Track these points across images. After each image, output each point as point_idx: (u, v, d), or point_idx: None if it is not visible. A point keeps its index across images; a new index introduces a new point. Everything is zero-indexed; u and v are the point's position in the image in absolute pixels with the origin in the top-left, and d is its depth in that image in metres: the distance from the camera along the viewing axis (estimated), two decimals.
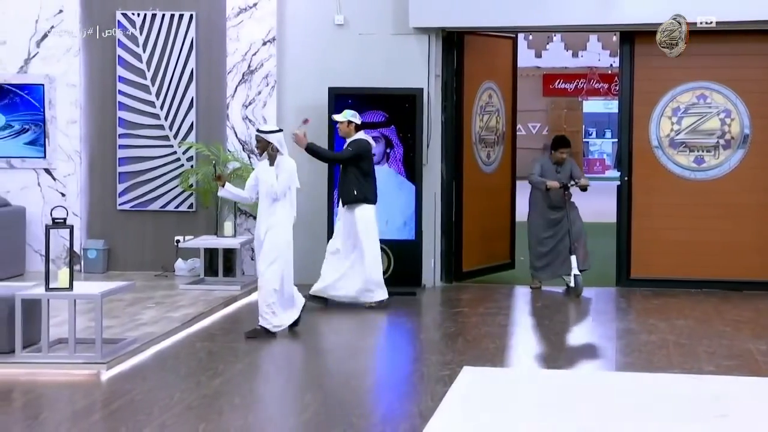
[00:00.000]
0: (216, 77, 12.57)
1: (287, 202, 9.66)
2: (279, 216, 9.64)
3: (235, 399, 7.62)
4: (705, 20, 11.53)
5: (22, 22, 12.48)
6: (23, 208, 12.44)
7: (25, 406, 7.58)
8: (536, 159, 12.42)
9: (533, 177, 12.01)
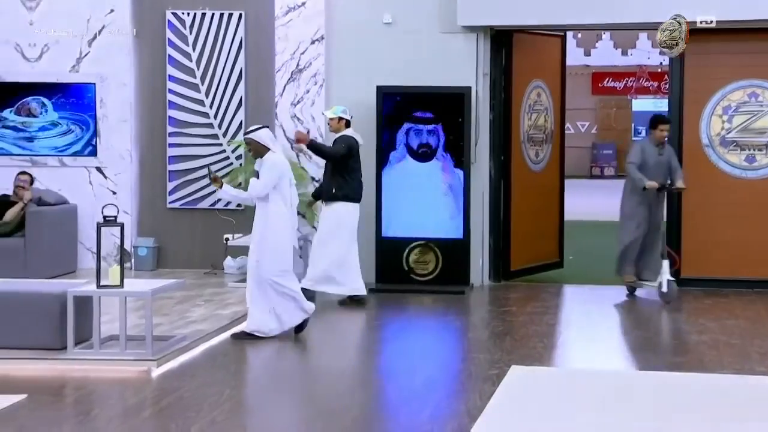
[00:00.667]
0: (265, 76, 12.63)
1: (279, 199, 9.28)
2: (272, 218, 9.27)
3: (283, 395, 7.65)
4: (705, 20, 11.49)
5: (74, 21, 12.60)
6: (75, 206, 12.56)
7: (76, 402, 7.65)
8: (636, 142, 11.98)
9: (632, 167, 11.38)
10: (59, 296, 8.47)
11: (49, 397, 7.48)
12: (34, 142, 12.73)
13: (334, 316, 10.92)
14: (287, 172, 9.36)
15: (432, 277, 11.93)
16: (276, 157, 9.32)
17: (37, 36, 12.63)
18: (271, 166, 9.22)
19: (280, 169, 9.25)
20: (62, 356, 8.32)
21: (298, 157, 12.43)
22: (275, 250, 9.28)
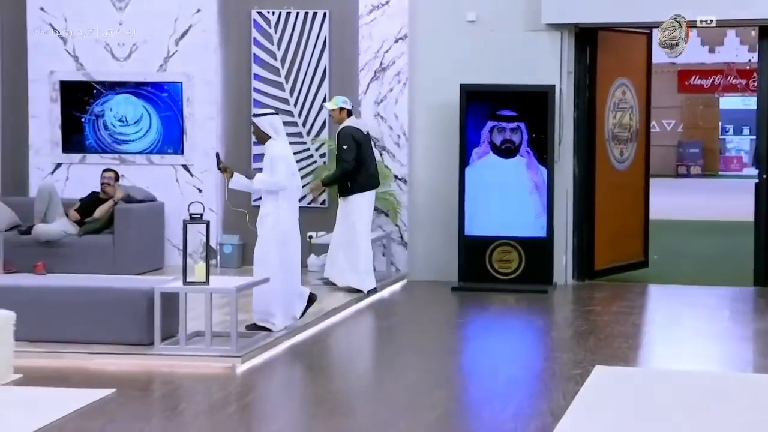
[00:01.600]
0: (348, 74, 12.68)
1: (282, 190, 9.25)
2: (267, 206, 9.28)
3: (366, 394, 7.69)
4: (705, 20, 11.35)
5: (162, 21, 12.77)
6: (162, 203, 12.73)
7: (163, 397, 7.77)
8: None
9: None
10: (147, 293, 8.60)
11: (136, 392, 7.60)
12: (122, 140, 12.92)
13: (417, 315, 10.94)
14: (290, 160, 9.40)
15: (515, 275, 11.89)
16: (278, 145, 9.33)
17: (126, 35, 12.82)
18: (277, 158, 9.24)
19: (286, 157, 9.31)
20: (149, 352, 8.45)
21: (381, 155, 12.47)
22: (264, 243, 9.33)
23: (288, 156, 9.41)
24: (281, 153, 9.31)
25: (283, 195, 9.30)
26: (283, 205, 9.34)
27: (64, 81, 12.84)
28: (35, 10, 12.87)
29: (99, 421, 6.88)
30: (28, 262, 11.69)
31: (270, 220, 9.30)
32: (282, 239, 9.34)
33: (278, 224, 9.30)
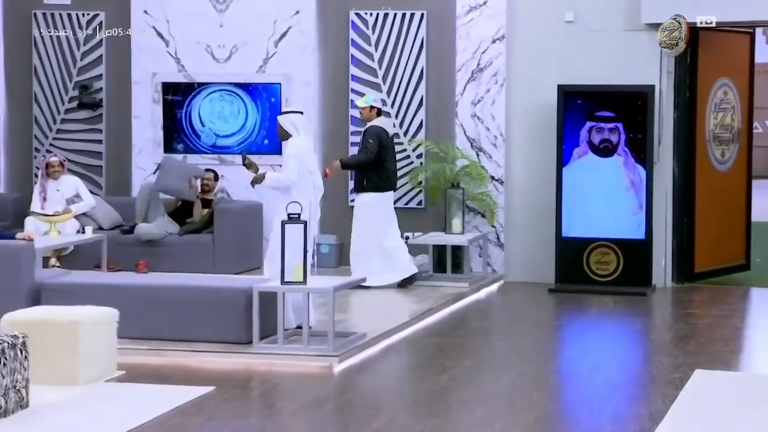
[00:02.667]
0: (445, 75, 12.68)
1: (297, 187, 9.39)
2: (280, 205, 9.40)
3: (463, 394, 7.69)
4: (705, 20, 11.23)
5: (261, 22, 12.89)
6: (260, 203, 12.85)
7: (261, 395, 7.86)
8: None
9: None
10: (245, 292, 8.70)
11: (235, 390, 7.70)
12: (221, 140, 13.08)
13: (514, 316, 10.91)
14: (306, 158, 9.51)
15: (613, 277, 11.78)
16: (297, 143, 9.48)
17: (226, 37, 12.98)
18: (290, 155, 9.45)
19: (300, 156, 9.45)
20: (248, 350, 8.54)
21: (477, 156, 12.45)
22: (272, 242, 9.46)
23: (303, 154, 9.55)
24: (295, 151, 9.49)
25: (297, 193, 9.43)
26: (309, 194, 9.51)
27: (165, 82, 13.05)
28: (139, 13, 13.09)
29: (199, 419, 6.98)
30: (130, 261, 11.91)
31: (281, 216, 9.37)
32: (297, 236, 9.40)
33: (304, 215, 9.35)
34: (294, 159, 9.47)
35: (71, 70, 13.35)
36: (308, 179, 9.53)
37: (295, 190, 9.44)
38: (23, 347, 6.97)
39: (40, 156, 13.15)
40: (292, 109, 10.09)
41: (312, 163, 9.63)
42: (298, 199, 9.42)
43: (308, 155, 9.59)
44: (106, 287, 8.93)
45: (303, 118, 9.70)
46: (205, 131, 13.04)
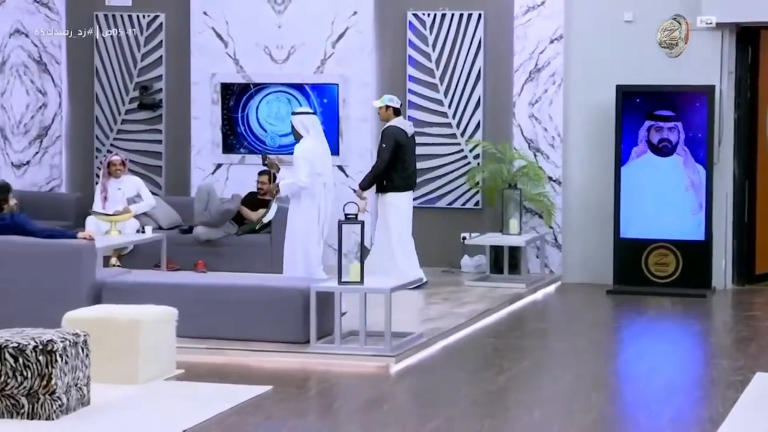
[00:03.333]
0: (503, 76, 12.65)
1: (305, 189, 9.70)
2: (291, 204, 9.78)
3: (520, 395, 7.67)
4: (705, 20, 11.18)
5: (319, 23, 12.94)
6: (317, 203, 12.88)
7: (319, 394, 7.88)
8: None
9: None
10: (303, 292, 8.73)
11: (293, 389, 7.73)
12: (279, 141, 13.14)
13: (571, 317, 10.86)
14: (316, 160, 9.71)
15: (672, 279, 11.69)
16: (306, 144, 9.72)
17: (284, 38, 13.04)
18: (299, 157, 9.70)
19: (308, 157, 9.68)
20: (305, 350, 8.58)
21: (535, 156, 12.41)
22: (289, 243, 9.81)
23: (313, 155, 9.75)
24: (303, 152, 9.74)
25: (306, 195, 9.73)
26: (305, 204, 9.76)
27: (224, 83, 13.14)
28: (198, 14, 13.19)
29: (257, 418, 7.02)
30: (189, 261, 12.00)
31: (293, 218, 9.82)
32: (305, 237, 9.77)
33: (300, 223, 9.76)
34: (303, 161, 9.71)
35: (132, 71, 13.49)
36: (317, 181, 9.72)
37: (305, 192, 9.69)
38: (84, 345, 7.06)
39: (101, 156, 13.30)
40: (304, 110, 10.30)
41: (322, 165, 9.80)
42: (307, 201, 9.76)
43: (318, 157, 9.80)
44: (166, 286, 9.01)
45: (314, 118, 9.97)
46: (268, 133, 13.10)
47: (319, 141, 9.87)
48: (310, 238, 9.83)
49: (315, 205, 9.80)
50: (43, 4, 13.37)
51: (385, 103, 11.27)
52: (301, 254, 9.80)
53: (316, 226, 9.84)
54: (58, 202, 13.01)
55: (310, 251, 9.82)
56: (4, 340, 6.82)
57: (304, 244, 9.83)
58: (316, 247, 9.86)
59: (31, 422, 6.72)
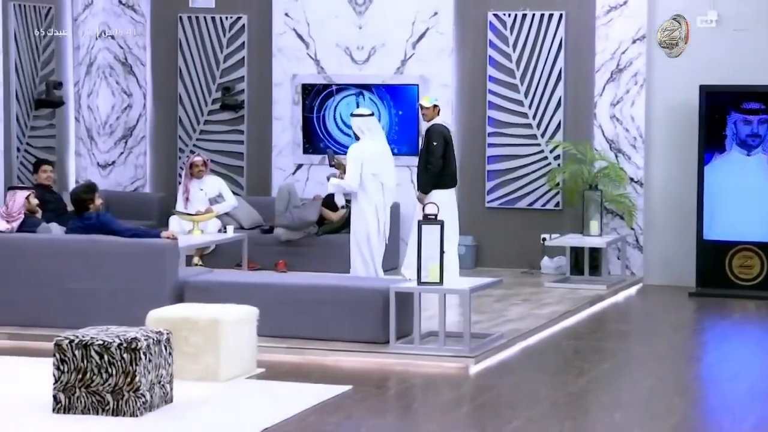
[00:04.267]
0: (584, 76, 12.57)
1: (362, 190, 9.90)
2: (352, 208, 9.97)
3: (601, 398, 7.62)
4: (705, 20, 11.15)
5: (399, 24, 12.97)
6: (397, 203, 12.91)
7: (398, 394, 7.91)
8: None
9: None
10: (382, 292, 8.76)
11: (372, 389, 7.76)
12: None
13: (653, 320, 10.76)
14: (370, 161, 9.83)
15: (756, 282, 11.52)
16: (361, 145, 9.89)
17: (365, 39, 13.09)
18: (351, 159, 9.95)
19: (360, 158, 9.88)
20: (384, 350, 8.60)
21: (616, 157, 12.31)
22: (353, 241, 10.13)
23: (367, 156, 9.88)
24: (357, 154, 9.96)
25: (362, 195, 9.91)
26: (363, 204, 9.95)
27: (305, 84, 13.22)
28: (280, 16, 13.30)
29: (337, 417, 7.06)
30: (269, 261, 12.10)
31: (353, 219, 10.09)
32: (364, 238, 9.97)
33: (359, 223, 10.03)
34: (354, 163, 9.90)
35: (215, 72, 13.63)
36: (373, 181, 9.77)
37: (360, 193, 9.82)
38: (167, 344, 7.15)
39: (184, 156, 13.46)
40: (363, 111, 10.45)
41: (378, 166, 9.88)
42: (362, 201, 9.90)
43: (374, 157, 9.90)
44: (247, 286, 9.10)
45: (372, 120, 10.05)
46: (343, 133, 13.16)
47: (377, 142, 9.97)
48: (370, 238, 9.97)
49: (372, 205, 9.98)
50: (128, 7, 13.58)
51: (433, 102, 11.29)
52: (361, 254, 9.92)
53: (375, 226, 9.96)
54: (141, 202, 13.20)
55: (372, 251, 9.95)
56: (90, 337, 6.94)
57: (361, 244, 9.99)
58: (376, 246, 9.96)
59: (116, 419, 6.83)
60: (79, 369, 6.88)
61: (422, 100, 11.36)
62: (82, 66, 13.12)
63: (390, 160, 10.51)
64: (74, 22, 13.04)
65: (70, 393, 6.90)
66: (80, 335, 6.97)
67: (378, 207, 10.09)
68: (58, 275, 9.25)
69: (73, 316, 9.02)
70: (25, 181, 12.19)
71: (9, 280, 9.32)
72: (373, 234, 10.07)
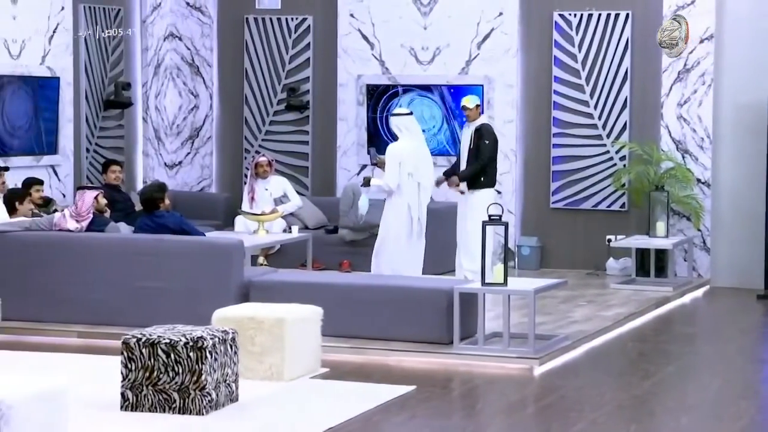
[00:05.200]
0: (650, 76, 12.47)
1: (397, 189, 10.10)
2: (387, 206, 10.14)
3: (667, 401, 7.56)
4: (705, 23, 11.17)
5: (464, 25, 12.96)
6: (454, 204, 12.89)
7: (462, 395, 7.91)
8: None
9: None
10: (446, 292, 8.76)
11: (436, 390, 7.77)
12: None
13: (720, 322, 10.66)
14: (407, 160, 10.01)
15: None
16: (398, 144, 10.09)
17: (429, 39, 13.10)
18: (389, 158, 10.19)
19: (398, 158, 10.09)
20: (448, 350, 8.60)
21: (683, 158, 12.21)
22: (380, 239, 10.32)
23: (404, 156, 10.07)
24: (395, 153, 10.20)
25: (396, 194, 10.12)
26: (394, 202, 10.18)
27: (370, 84, 13.26)
28: (345, 16, 13.35)
29: (401, 417, 7.08)
30: (334, 261, 12.15)
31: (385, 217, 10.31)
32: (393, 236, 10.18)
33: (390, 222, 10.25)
34: (392, 163, 10.11)
35: (280, 73, 13.72)
36: (409, 181, 9.88)
37: (396, 192, 10.07)
38: (233, 343, 7.21)
39: (250, 157, 13.55)
40: (402, 111, 10.65)
41: (414, 165, 9.95)
42: (395, 200, 10.12)
43: (411, 157, 10.03)
44: (311, 286, 9.15)
45: (410, 119, 10.18)
46: None
47: (415, 141, 10.08)
48: (399, 237, 10.06)
49: (404, 204, 10.12)
50: (196, 8, 13.71)
51: (477, 102, 11.28)
52: (388, 251, 10.01)
53: (406, 225, 10.04)
54: (208, 202, 13.33)
55: (400, 249, 10.04)
56: (157, 336, 7.02)
57: (386, 241, 10.16)
58: (404, 246, 10.03)
59: (183, 417, 6.91)
60: (147, 367, 6.96)
61: (466, 101, 11.37)
62: (150, 67, 13.27)
63: (427, 159, 10.60)
64: (143, 23, 13.19)
65: (137, 391, 6.98)
66: (147, 334, 7.06)
67: (412, 206, 10.22)
68: (126, 274, 9.37)
69: (141, 314, 9.14)
70: (94, 181, 12.36)
71: (78, 278, 9.46)
72: (404, 234, 10.15)
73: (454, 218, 11.78)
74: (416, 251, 10.56)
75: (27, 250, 9.56)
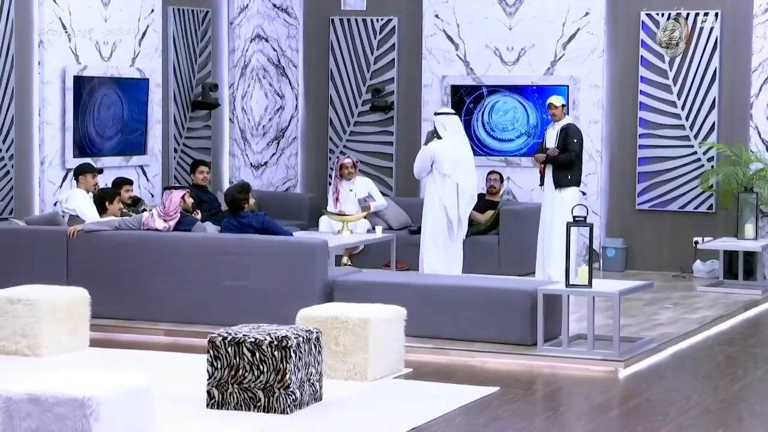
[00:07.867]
0: (740, 76, 12.30)
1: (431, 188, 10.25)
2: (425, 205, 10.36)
3: (755, 406, 7.46)
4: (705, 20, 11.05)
5: (549, 25, 12.89)
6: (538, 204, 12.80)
7: (545, 397, 7.87)
8: None
9: None
10: (530, 294, 8.73)
11: (519, 391, 7.74)
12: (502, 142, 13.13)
13: None
14: (442, 161, 10.20)
15: None
16: (437, 144, 10.19)
17: (514, 40, 13.05)
18: (421, 154, 10.41)
19: (429, 154, 10.25)
20: (532, 352, 8.58)
21: None
22: None
23: (442, 156, 10.27)
24: (432, 150, 10.38)
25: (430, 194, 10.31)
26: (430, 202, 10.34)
27: (454, 85, 13.25)
28: (430, 17, 13.35)
29: (484, 418, 7.07)
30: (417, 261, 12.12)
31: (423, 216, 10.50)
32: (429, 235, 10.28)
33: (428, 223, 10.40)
34: (423, 156, 10.38)
35: (365, 73, 13.77)
36: (444, 182, 9.90)
37: (430, 191, 10.22)
38: (317, 342, 7.26)
39: (334, 157, 13.63)
40: (446, 110, 10.76)
41: (451, 167, 9.94)
42: (428, 200, 10.37)
43: (447, 157, 9.97)
44: (395, 286, 9.17)
45: (454, 119, 10.23)
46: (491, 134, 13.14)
47: (456, 142, 10.08)
48: (435, 237, 10.08)
49: (439, 204, 10.14)
50: (282, 10, 13.82)
51: (563, 102, 11.24)
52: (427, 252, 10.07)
53: (442, 226, 10.07)
54: (293, 202, 13.42)
55: (437, 251, 10.05)
56: (243, 335, 7.10)
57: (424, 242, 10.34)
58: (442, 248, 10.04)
59: (267, 415, 6.97)
60: (232, 366, 7.04)
61: (553, 99, 11.31)
62: (236, 68, 13.41)
63: (468, 162, 10.54)
64: (230, 25, 13.33)
65: (223, 389, 7.06)
66: (233, 332, 7.14)
67: (448, 208, 10.22)
68: (212, 273, 9.48)
69: (226, 313, 9.25)
70: (181, 181, 12.52)
71: (165, 277, 9.60)
72: (440, 235, 10.22)
73: (535, 219, 11.77)
74: (453, 253, 10.55)
75: (116, 249, 9.72)
